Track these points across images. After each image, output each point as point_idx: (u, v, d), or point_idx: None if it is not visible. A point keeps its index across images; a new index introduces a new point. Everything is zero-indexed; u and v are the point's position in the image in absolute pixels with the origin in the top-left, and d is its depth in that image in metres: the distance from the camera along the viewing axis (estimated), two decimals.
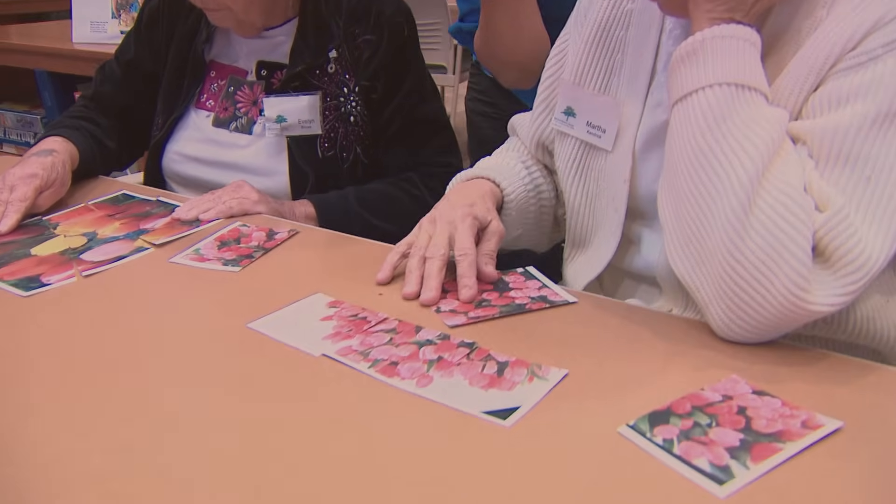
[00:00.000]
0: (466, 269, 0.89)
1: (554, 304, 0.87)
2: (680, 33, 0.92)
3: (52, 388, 0.73)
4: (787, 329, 0.75)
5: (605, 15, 0.99)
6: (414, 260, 0.91)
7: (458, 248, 0.90)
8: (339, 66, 1.27)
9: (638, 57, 0.96)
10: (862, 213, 0.72)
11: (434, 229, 0.93)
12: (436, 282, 0.87)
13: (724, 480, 0.58)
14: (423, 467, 0.61)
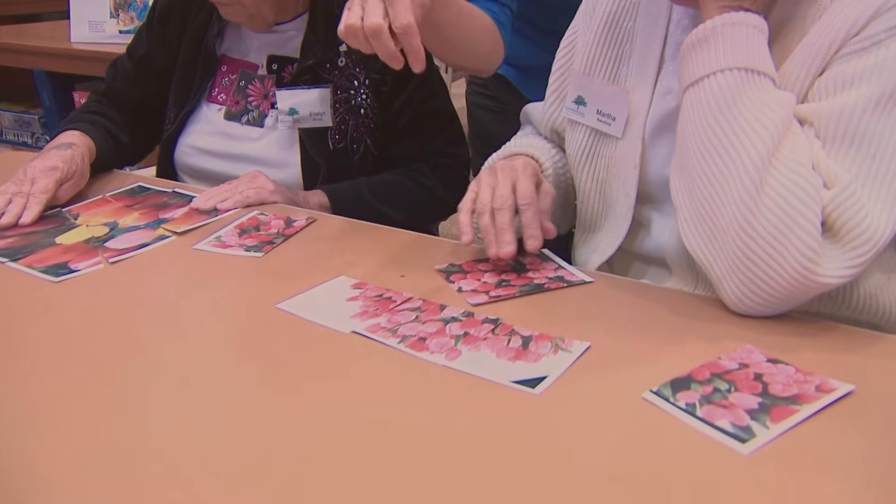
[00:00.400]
0: (531, 219, 0.91)
1: (571, 284, 0.90)
2: (688, 23, 0.95)
3: (91, 368, 0.75)
4: (797, 302, 0.78)
5: (613, 7, 1.03)
6: (485, 218, 0.91)
7: (522, 196, 0.91)
8: (349, 60, 1.30)
9: (646, 47, 0.99)
10: (868, 190, 0.76)
11: (495, 180, 0.94)
12: (510, 235, 0.89)
13: (746, 439, 0.62)
14: (459, 434, 0.64)
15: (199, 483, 0.59)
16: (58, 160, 1.16)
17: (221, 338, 0.81)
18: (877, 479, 0.58)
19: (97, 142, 1.28)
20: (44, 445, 0.63)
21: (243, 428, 0.65)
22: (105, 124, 1.35)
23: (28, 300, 0.89)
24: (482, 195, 0.94)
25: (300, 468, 0.60)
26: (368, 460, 0.61)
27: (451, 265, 0.94)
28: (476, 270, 0.92)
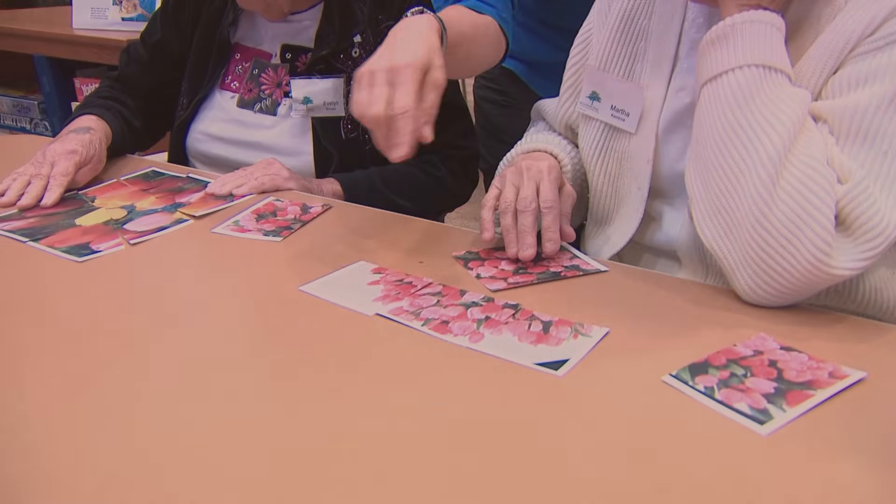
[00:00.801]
0: (551, 223, 0.94)
1: (586, 273, 0.92)
2: (703, 22, 0.98)
3: (120, 345, 0.77)
4: (809, 293, 0.81)
5: (629, 5, 1.05)
6: (508, 217, 0.94)
7: (544, 199, 0.94)
8: (363, 51, 1.32)
9: (661, 45, 1.01)
10: (880, 185, 0.79)
11: (521, 180, 0.97)
12: (531, 238, 0.92)
13: (764, 421, 0.64)
14: (485, 414, 0.66)
15: (231, 460, 0.61)
16: (77, 144, 1.17)
17: (247, 318, 0.83)
18: (891, 461, 0.60)
19: (113, 127, 1.29)
20: (73, 422, 0.65)
21: (271, 406, 0.67)
22: (120, 109, 1.36)
23: (54, 279, 0.90)
24: (506, 194, 0.97)
25: (329, 446, 0.62)
26: (396, 439, 0.63)
27: (468, 252, 0.96)
28: (493, 258, 0.94)
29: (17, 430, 0.63)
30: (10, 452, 0.61)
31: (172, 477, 0.58)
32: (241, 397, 0.68)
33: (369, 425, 0.64)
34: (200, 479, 0.58)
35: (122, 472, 0.59)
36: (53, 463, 0.59)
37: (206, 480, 0.58)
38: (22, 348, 0.76)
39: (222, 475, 0.58)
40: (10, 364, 0.73)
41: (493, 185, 1.01)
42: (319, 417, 0.65)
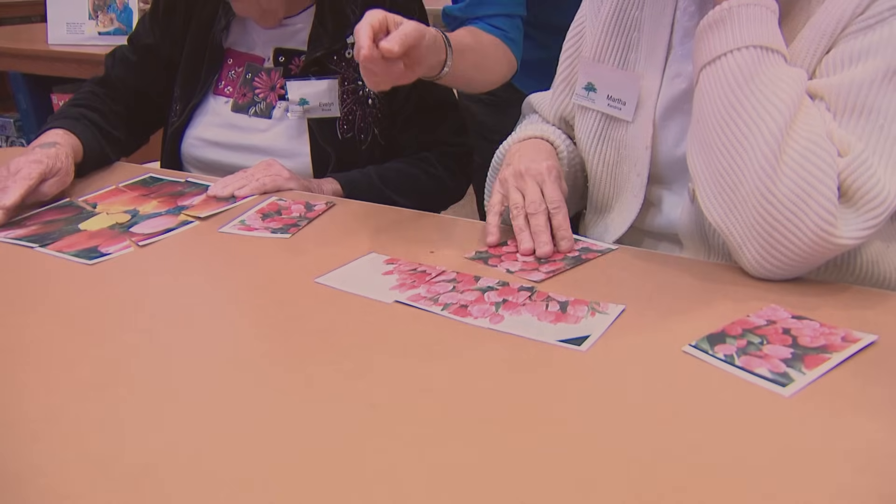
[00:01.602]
0: (562, 221, 0.96)
1: (602, 253, 0.94)
2: (695, 10, 1.00)
3: (143, 343, 0.77)
4: (815, 264, 0.83)
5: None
6: (520, 219, 0.97)
7: (551, 200, 0.97)
8: None
9: (654, 34, 1.04)
10: (878, 157, 0.82)
11: (525, 185, 0.99)
12: (547, 236, 0.95)
13: (785, 383, 0.66)
14: (514, 390, 0.68)
15: (262, 446, 0.61)
16: (42, 155, 1.15)
17: (268, 311, 0.84)
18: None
19: (83, 139, 1.27)
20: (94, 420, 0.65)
21: (304, 394, 0.68)
22: (94, 119, 1.34)
23: (67, 282, 0.90)
24: (513, 197, 0.99)
25: (366, 426, 0.63)
26: (431, 416, 0.64)
27: (478, 252, 0.96)
28: (506, 253, 0.95)
29: (37, 429, 0.63)
30: (28, 452, 0.61)
31: (205, 470, 0.59)
32: (271, 388, 0.69)
33: (404, 405, 0.65)
34: (233, 472, 0.59)
35: (152, 467, 0.59)
36: (71, 463, 0.60)
37: (239, 473, 0.58)
38: (41, 349, 0.76)
39: (257, 467, 0.59)
40: (29, 365, 0.73)
41: (496, 190, 1.03)
42: (354, 400, 0.66)
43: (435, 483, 0.56)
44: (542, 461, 0.58)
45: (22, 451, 0.60)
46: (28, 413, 0.65)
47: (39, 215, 1.11)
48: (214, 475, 0.57)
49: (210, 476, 0.57)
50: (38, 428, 0.63)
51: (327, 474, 0.57)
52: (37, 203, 1.15)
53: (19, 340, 0.77)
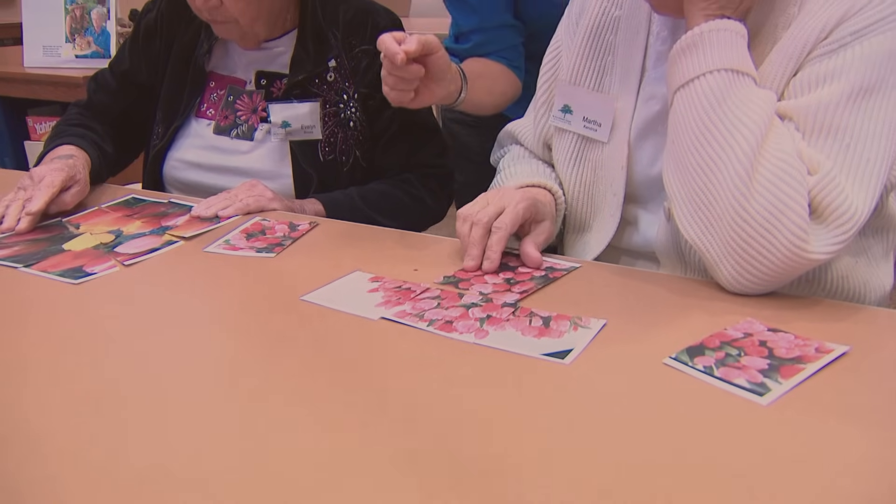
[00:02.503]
0: (494, 243, 0.97)
1: (567, 271, 0.96)
2: (667, 35, 1.04)
3: (129, 364, 0.78)
4: (788, 278, 0.86)
5: (595, 21, 1.11)
6: (464, 226, 0.99)
7: (497, 221, 0.97)
8: (337, 75, 1.35)
9: (628, 57, 1.07)
10: (845, 174, 0.85)
11: (490, 199, 1.01)
12: (476, 249, 0.96)
13: (763, 393, 0.69)
14: (501, 402, 0.69)
15: (254, 462, 0.62)
16: (62, 164, 1.18)
17: (255, 329, 0.84)
18: (878, 421, 0.65)
19: (90, 155, 1.30)
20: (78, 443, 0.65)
21: (293, 410, 0.69)
22: (93, 137, 1.36)
23: (52, 301, 0.91)
24: (471, 205, 1.01)
25: (354, 440, 0.64)
26: (419, 430, 0.65)
27: (446, 277, 0.95)
28: (474, 276, 0.95)
29: (30, 447, 0.64)
30: (21, 469, 0.61)
31: (197, 486, 0.59)
32: (261, 404, 0.70)
33: (392, 420, 0.67)
34: (225, 487, 0.59)
35: (132, 487, 0.60)
36: (64, 479, 0.60)
37: (231, 489, 0.59)
38: (28, 368, 0.76)
39: (249, 483, 0.60)
40: (19, 383, 0.73)
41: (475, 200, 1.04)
42: (341, 415, 0.67)
43: (428, 494, 0.57)
44: (529, 471, 0.59)
45: (15, 469, 0.60)
46: (20, 431, 0.65)
47: (23, 234, 1.11)
48: (207, 491, 0.58)
49: (203, 492, 0.58)
50: (31, 445, 0.63)
51: (321, 488, 0.58)
52: (59, 212, 1.17)
53: (7, 359, 0.77)
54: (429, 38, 1.03)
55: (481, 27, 1.39)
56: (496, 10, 1.39)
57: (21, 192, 1.16)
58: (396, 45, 1.00)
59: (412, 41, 1.00)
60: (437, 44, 1.05)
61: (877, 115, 0.87)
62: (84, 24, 2.60)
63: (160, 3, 1.42)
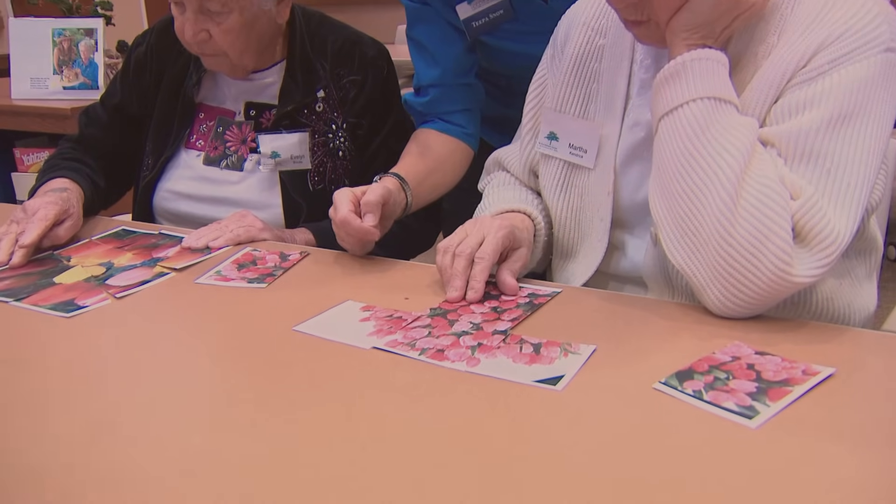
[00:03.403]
0: (478, 273, 0.98)
1: (550, 296, 0.97)
2: (651, 63, 1.06)
3: (121, 398, 0.78)
4: (774, 302, 0.88)
5: (580, 50, 1.13)
6: (446, 258, 1.00)
7: (479, 251, 0.99)
8: (326, 105, 1.37)
9: (613, 85, 1.09)
10: (827, 199, 0.87)
11: (471, 229, 1.02)
12: (459, 281, 0.97)
13: (752, 416, 0.70)
14: (494, 430, 0.70)
15: (254, 493, 0.63)
16: (55, 198, 1.19)
17: (248, 359, 0.85)
18: (864, 441, 0.66)
19: (84, 188, 1.30)
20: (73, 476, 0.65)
21: (287, 441, 0.69)
22: (85, 171, 1.37)
23: (45, 335, 0.91)
24: (451, 238, 1.02)
25: (346, 471, 0.65)
26: (412, 459, 0.66)
27: (433, 310, 0.95)
28: (461, 307, 0.96)
29: (26, 481, 0.64)
30: None
31: None
32: (258, 435, 0.70)
33: (387, 448, 0.67)
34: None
35: None
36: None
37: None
38: (22, 402, 0.76)
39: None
40: (12, 417, 0.73)
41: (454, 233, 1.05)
42: (337, 445, 0.68)
43: None
44: (524, 496, 0.60)
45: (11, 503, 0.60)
46: (14, 464, 0.66)
47: (15, 268, 1.11)
48: None
49: None
50: (26, 479, 0.63)
51: None
52: (52, 246, 1.18)
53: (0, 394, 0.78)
54: (375, 200, 1.09)
55: (441, 82, 1.36)
56: (458, 66, 1.36)
57: (14, 225, 1.16)
58: (363, 225, 1.06)
59: (370, 218, 1.07)
60: (385, 196, 1.11)
61: (856, 141, 0.89)
62: (72, 55, 2.62)
63: (150, 36, 1.43)
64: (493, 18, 1.33)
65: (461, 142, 1.38)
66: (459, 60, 1.36)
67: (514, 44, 1.38)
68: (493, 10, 1.33)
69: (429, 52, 1.36)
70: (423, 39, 1.35)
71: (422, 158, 1.32)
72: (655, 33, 0.96)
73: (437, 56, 1.35)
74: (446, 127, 1.37)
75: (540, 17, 1.28)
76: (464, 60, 1.36)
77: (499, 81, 1.54)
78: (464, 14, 1.33)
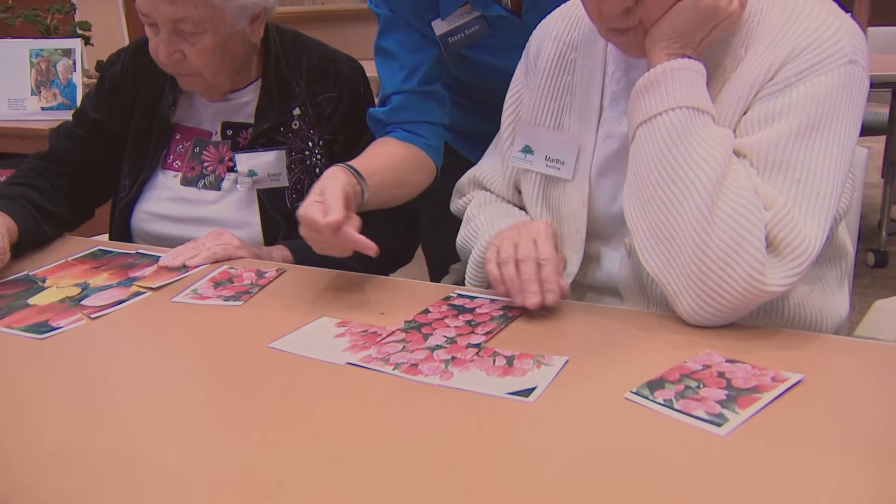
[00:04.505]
0: (549, 274, 0.95)
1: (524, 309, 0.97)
2: (622, 75, 1.07)
3: (94, 420, 0.78)
4: (746, 310, 0.89)
5: (552, 64, 1.14)
6: (510, 267, 0.96)
7: (542, 252, 0.96)
8: (302, 123, 1.37)
9: (586, 98, 1.10)
10: (798, 209, 0.88)
11: (518, 236, 0.99)
12: (536, 285, 0.94)
13: (721, 423, 0.70)
14: (467, 442, 0.71)
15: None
16: None
17: (223, 377, 0.85)
18: (832, 447, 0.67)
19: (17, 220, 1.27)
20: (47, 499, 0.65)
21: (263, 455, 0.69)
22: (31, 197, 1.34)
23: (17, 358, 0.91)
24: (505, 248, 0.98)
25: (322, 485, 0.65)
26: (386, 474, 0.66)
27: (408, 322, 0.96)
28: (436, 321, 0.96)
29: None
30: None
31: None
32: (234, 452, 0.70)
33: (361, 462, 0.67)
34: None
35: None
36: None
37: None
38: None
39: None
40: None
41: (491, 244, 1.02)
42: (312, 460, 0.68)
43: None
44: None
45: None
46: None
47: None
48: None
49: None
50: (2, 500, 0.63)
51: None
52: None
53: None
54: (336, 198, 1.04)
55: (407, 88, 1.33)
56: (426, 73, 1.34)
57: None
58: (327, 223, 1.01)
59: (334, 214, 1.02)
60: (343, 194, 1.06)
61: (823, 151, 0.90)
62: (50, 76, 2.61)
63: (125, 55, 1.43)
64: (469, 34, 1.34)
65: (422, 150, 1.32)
66: (427, 68, 1.34)
67: (491, 58, 1.39)
68: (468, 27, 1.34)
69: (397, 60, 1.33)
70: (394, 48, 1.33)
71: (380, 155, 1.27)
72: (638, 42, 0.97)
73: (406, 62, 1.33)
74: (407, 136, 1.32)
75: (515, 32, 1.29)
76: (432, 70, 1.35)
77: (476, 95, 1.55)
78: (439, 30, 1.34)
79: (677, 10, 0.91)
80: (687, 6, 0.91)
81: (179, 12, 1.21)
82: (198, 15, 1.22)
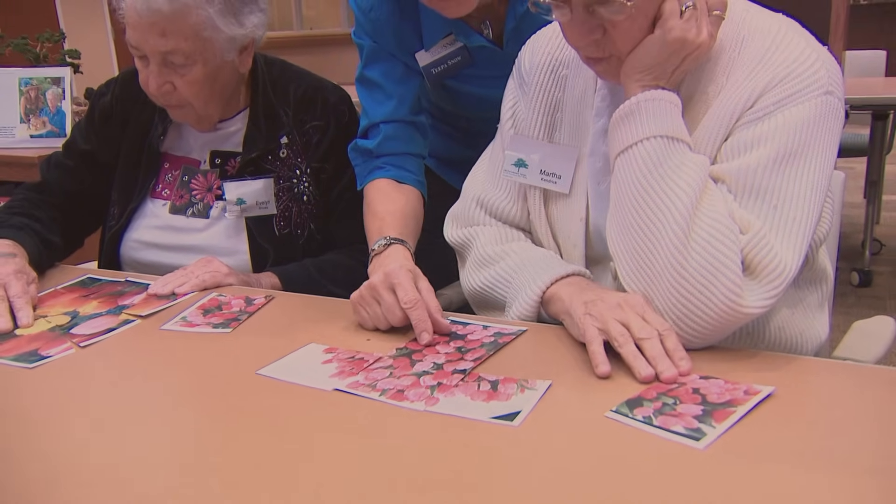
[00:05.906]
0: (675, 344, 0.88)
1: (515, 335, 0.99)
2: (606, 93, 1.08)
3: (84, 449, 0.79)
4: (725, 332, 0.91)
5: (543, 80, 1.15)
6: (630, 346, 0.88)
7: (659, 324, 0.90)
8: (290, 151, 1.40)
9: (577, 114, 1.11)
10: (774, 233, 0.91)
11: (622, 314, 0.91)
12: (668, 361, 0.86)
13: (699, 437, 0.73)
14: (452, 467, 0.72)
15: None
16: (14, 266, 1.18)
17: (212, 404, 0.86)
18: (805, 460, 0.70)
19: (29, 250, 1.29)
20: None
21: (251, 481, 0.71)
22: (35, 227, 1.36)
23: (6, 387, 0.92)
24: (615, 328, 0.90)
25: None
26: (377, 496, 0.68)
27: (399, 350, 0.97)
28: (427, 347, 0.97)
29: None
30: None
31: None
32: (221, 479, 0.71)
33: (344, 489, 0.69)
34: None
35: None
36: None
37: None
38: None
39: None
40: None
41: (590, 324, 0.92)
42: (299, 485, 0.69)
43: None
44: None
45: None
46: None
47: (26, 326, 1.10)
48: None
49: None
50: None
51: None
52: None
53: None
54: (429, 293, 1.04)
55: (395, 117, 1.34)
56: (413, 104, 1.36)
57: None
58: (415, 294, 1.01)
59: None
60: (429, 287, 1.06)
61: (800, 178, 0.93)
62: (39, 104, 2.63)
63: (114, 86, 1.45)
64: (452, 65, 1.37)
65: (417, 190, 1.35)
66: (413, 99, 1.37)
67: (474, 88, 1.42)
68: (451, 57, 1.37)
69: (383, 91, 1.35)
70: (380, 78, 1.36)
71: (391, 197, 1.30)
72: (615, 70, 1.00)
73: (393, 92, 1.35)
74: (402, 175, 1.34)
75: (496, 62, 1.32)
76: (417, 101, 1.38)
77: (459, 123, 1.58)
78: (423, 61, 1.37)
79: (647, 43, 0.94)
80: (656, 39, 0.94)
81: (169, 45, 1.23)
82: (187, 47, 1.24)
